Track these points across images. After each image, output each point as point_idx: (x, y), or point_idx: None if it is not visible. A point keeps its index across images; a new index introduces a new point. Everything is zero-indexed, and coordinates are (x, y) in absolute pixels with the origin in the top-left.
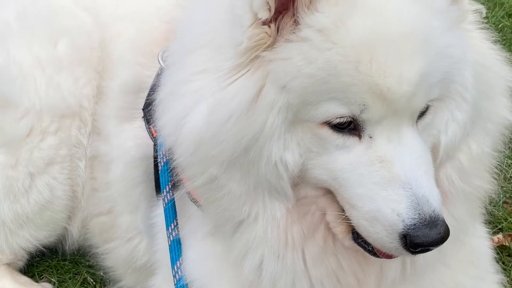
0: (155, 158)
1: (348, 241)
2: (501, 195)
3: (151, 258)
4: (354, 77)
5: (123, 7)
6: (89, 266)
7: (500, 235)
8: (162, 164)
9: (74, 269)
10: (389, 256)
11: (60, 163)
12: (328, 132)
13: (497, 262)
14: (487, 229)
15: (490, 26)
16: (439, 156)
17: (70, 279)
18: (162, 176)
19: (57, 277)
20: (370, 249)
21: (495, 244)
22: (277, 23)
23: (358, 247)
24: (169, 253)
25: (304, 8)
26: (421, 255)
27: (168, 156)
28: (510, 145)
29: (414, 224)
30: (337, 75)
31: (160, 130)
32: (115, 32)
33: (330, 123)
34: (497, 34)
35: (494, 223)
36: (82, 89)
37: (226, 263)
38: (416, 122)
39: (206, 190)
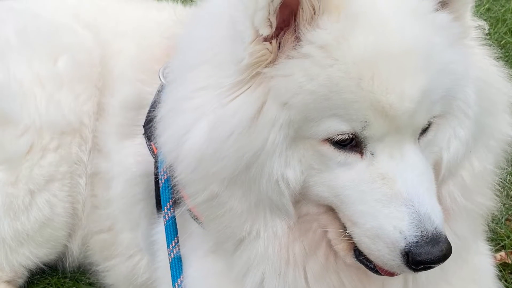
0: (156, 175)
1: (350, 259)
2: (504, 212)
3: (152, 275)
4: (356, 94)
5: (124, 24)
6: (90, 284)
7: (502, 253)
8: (163, 181)
9: (74, 287)
10: (391, 274)
11: (60, 180)
12: (329, 149)
13: (500, 279)
14: (490, 247)
15: (492, 42)
16: (441, 173)
17: None
18: (163, 193)
19: None
20: (372, 266)
21: (498, 261)
22: (278, 40)
23: (360, 264)
24: (170, 271)
25: (305, 24)
26: (423, 272)
27: (169, 173)
28: None
29: (416, 242)
30: (339, 92)
31: (161, 147)
32: (115, 48)
33: (331, 140)
34: (499, 50)
35: (497, 241)
36: (83, 106)
37: (227, 280)
38: (418, 139)
39: (207, 207)
